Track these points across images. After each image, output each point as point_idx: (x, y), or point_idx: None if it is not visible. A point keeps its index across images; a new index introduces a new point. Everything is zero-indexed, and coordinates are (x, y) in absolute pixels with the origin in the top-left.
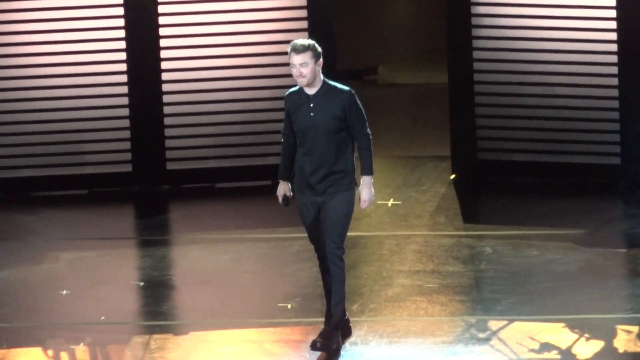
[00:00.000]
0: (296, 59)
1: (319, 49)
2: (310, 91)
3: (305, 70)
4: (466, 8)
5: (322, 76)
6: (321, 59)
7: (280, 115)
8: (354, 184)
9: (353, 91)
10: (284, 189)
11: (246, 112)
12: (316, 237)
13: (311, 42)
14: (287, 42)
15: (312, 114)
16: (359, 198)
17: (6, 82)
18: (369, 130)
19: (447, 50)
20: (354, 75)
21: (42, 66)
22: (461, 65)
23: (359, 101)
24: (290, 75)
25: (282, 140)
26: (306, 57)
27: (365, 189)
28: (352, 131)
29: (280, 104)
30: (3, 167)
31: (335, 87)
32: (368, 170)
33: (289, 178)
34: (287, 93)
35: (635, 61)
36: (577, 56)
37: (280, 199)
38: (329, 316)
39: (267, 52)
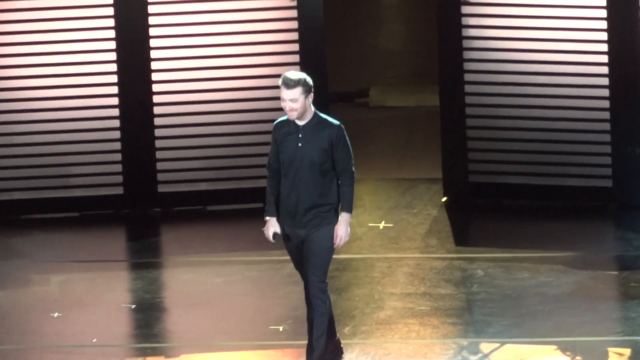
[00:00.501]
0: (287, 94)
1: (310, 83)
2: (301, 122)
3: (296, 105)
4: (457, 31)
5: (312, 108)
6: (312, 93)
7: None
8: (336, 218)
9: (343, 126)
10: (273, 226)
11: (237, 135)
12: (300, 267)
13: (302, 76)
14: (280, 69)
15: (299, 144)
16: (335, 234)
17: None
18: (354, 168)
19: (439, 73)
20: (346, 98)
21: (32, 89)
22: (452, 87)
23: (347, 137)
24: (279, 98)
25: (268, 175)
26: (296, 92)
27: (343, 226)
28: (337, 166)
29: (271, 126)
30: None
31: (325, 120)
32: (348, 208)
33: (276, 214)
34: (276, 122)
35: (626, 84)
36: (568, 79)
37: (271, 237)
38: (310, 350)
39: (259, 74)
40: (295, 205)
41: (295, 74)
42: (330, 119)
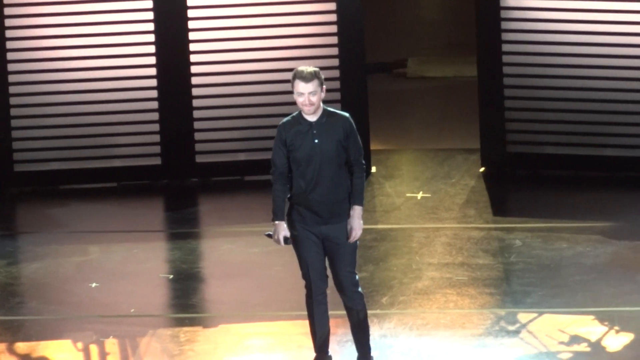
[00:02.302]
0: (305, 87)
1: (322, 76)
2: (312, 118)
3: (314, 98)
4: (495, 1)
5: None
6: (324, 85)
7: None
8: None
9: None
10: (283, 230)
11: (275, 105)
12: (318, 269)
13: (316, 69)
14: (317, 39)
15: (316, 140)
16: (350, 228)
17: (35, 75)
18: (363, 160)
19: (477, 44)
20: (383, 68)
21: (71, 59)
22: (490, 58)
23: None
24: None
25: (274, 179)
26: (315, 85)
27: (357, 219)
28: (349, 157)
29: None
30: (32, 160)
31: (335, 112)
32: (361, 201)
33: (284, 218)
34: (281, 123)
35: None
36: (607, 49)
37: (281, 241)
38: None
39: (297, 45)
40: (320, 202)
41: (308, 67)
42: (339, 111)
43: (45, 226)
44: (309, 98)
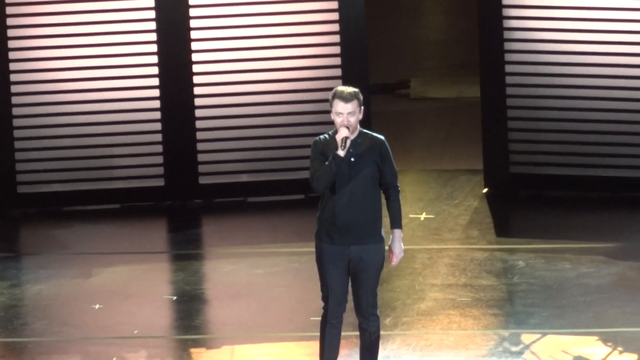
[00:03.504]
0: (344, 107)
1: (362, 97)
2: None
3: (353, 119)
4: (498, 22)
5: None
6: (362, 107)
7: (314, 128)
8: (383, 235)
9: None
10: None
11: (278, 127)
12: (338, 294)
13: (356, 89)
14: (321, 60)
15: (352, 159)
16: (390, 252)
17: (38, 97)
18: (398, 183)
19: (480, 64)
20: (387, 89)
21: (74, 81)
22: (493, 79)
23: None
24: (319, 90)
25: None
26: (354, 105)
27: (398, 242)
28: (383, 180)
29: (313, 117)
30: (36, 182)
31: (370, 134)
32: (399, 224)
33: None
34: (317, 139)
35: None
36: (609, 69)
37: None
38: None
39: (301, 66)
40: (351, 221)
41: (349, 87)
42: (374, 134)
43: (49, 248)
44: (347, 118)
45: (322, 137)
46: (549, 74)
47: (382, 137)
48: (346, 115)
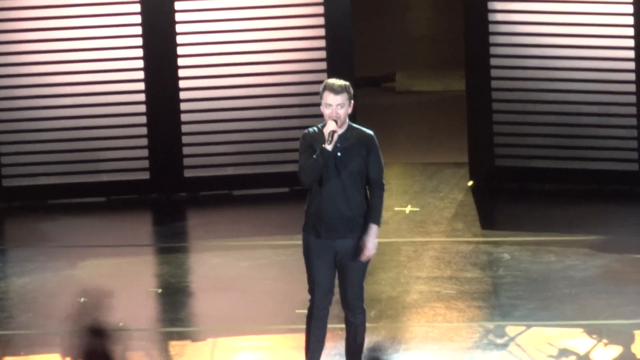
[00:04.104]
0: (334, 99)
1: (352, 90)
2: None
3: (342, 111)
4: (484, 15)
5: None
6: (353, 100)
7: (298, 122)
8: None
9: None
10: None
11: (263, 120)
12: (324, 287)
13: (346, 82)
14: (306, 54)
15: (339, 153)
16: (363, 246)
17: (23, 90)
18: (384, 180)
19: (465, 58)
20: (372, 82)
21: (59, 74)
22: (479, 72)
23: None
24: (305, 84)
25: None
26: (343, 98)
27: (372, 238)
28: (369, 175)
29: (297, 110)
30: (21, 175)
31: (359, 128)
32: (378, 220)
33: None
34: (305, 132)
35: None
36: (594, 63)
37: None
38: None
39: (285, 59)
40: (337, 215)
41: (338, 80)
42: (364, 129)
43: (34, 241)
44: (336, 110)
45: (310, 129)
46: (534, 67)
47: (371, 132)
48: (335, 107)
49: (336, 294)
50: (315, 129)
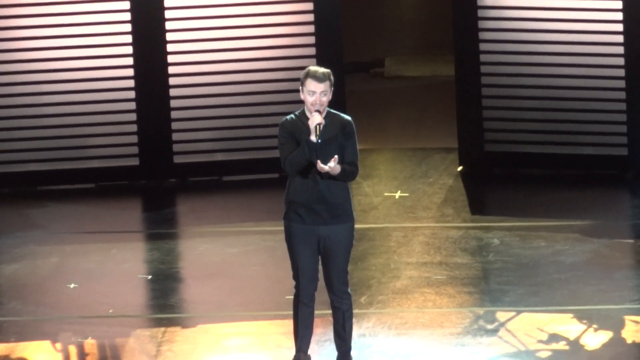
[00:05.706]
0: (317, 86)
1: (333, 79)
2: None
3: (325, 99)
4: (472, 0)
5: None
6: (332, 88)
7: (288, 107)
8: (351, 216)
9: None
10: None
11: (253, 105)
12: (309, 273)
13: (328, 70)
14: (295, 39)
15: (319, 140)
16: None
17: (12, 77)
18: (358, 165)
19: (454, 43)
20: (361, 68)
21: (48, 60)
22: (468, 57)
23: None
24: (294, 69)
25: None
26: (326, 86)
27: (335, 165)
28: (344, 160)
29: (287, 96)
30: (10, 162)
31: (338, 114)
32: (343, 168)
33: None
34: (284, 120)
35: None
36: (584, 47)
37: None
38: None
39: (274, 45)
40: (319, 202)
41: (320, 68)
42: (342, 114)
43: (23, 227)
44: (319, 98)
45: (288, 117)
46: (523, 52)
47: (349, 117)
48: (319, 95)
49: (321, 280)
50: (293, 116)
